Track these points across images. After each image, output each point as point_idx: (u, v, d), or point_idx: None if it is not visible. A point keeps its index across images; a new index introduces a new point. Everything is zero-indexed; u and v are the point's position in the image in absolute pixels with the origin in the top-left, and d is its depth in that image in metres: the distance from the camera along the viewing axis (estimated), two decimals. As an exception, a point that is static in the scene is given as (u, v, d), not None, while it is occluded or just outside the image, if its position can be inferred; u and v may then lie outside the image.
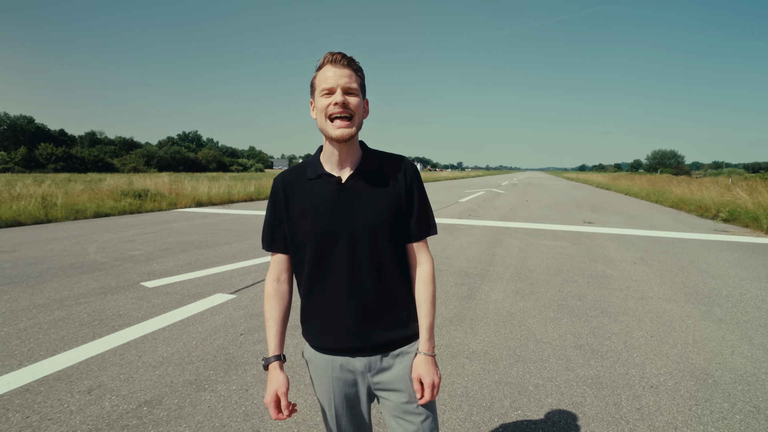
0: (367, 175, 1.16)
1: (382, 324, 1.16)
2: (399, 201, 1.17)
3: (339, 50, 1.13)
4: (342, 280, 1.13)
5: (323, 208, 1.14)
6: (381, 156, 1.22)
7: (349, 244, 1.13)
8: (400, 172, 1.19)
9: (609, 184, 32.23)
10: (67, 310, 3.83)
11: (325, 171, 1.16)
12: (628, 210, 13.87)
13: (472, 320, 3.71)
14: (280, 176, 1.23)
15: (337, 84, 1.08)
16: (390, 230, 1.15)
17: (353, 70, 1.12)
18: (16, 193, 12.35)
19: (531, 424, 2.23)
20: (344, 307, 1.14)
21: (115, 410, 2.28)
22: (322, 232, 1.13)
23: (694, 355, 3.07)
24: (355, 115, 1.11)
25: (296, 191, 1.18)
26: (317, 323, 1.18)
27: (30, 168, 54.93)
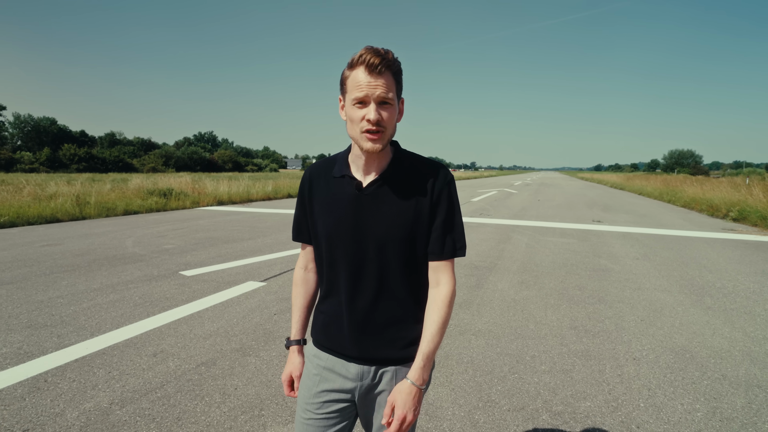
0: (392, 182, 1.08)
1: (382, 340, 1.10)
2: (420, 215, 1.08)
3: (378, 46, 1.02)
4: (346, 287, 1.10)
5: (338, 211, 1.10)
6: (413, 161, 1.13)
7: (356, 253, 1.08)
8: (430, 181, 1.09)
9: (623, 184, 32.14)
10: (120, 293, 4.35)
11: (349, 172, 1.10)
12: (639, 209, 14.06)
13: (479, 305, 4.12)
14: (309, 168, 1.20)
15: (372, 95, 0.99)
16: (403, 246, 1.07)
17: (392, 75, 1.01)
18: (51, 192, 13.11)
19: (525, 384, 2.64)
20: (345, 314, 1.11)
21: (178, 369, 2.76)
22: (334, 236, 1.10)
23: (677, 336, 3.44)
24: (387, 128, 1.02)
25: (320, 187, 1.14)
26: (324, 319, 1.17)
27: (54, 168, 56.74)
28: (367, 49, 0.99)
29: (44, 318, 3.62)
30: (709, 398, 2.50)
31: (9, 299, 4.10)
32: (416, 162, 1.12)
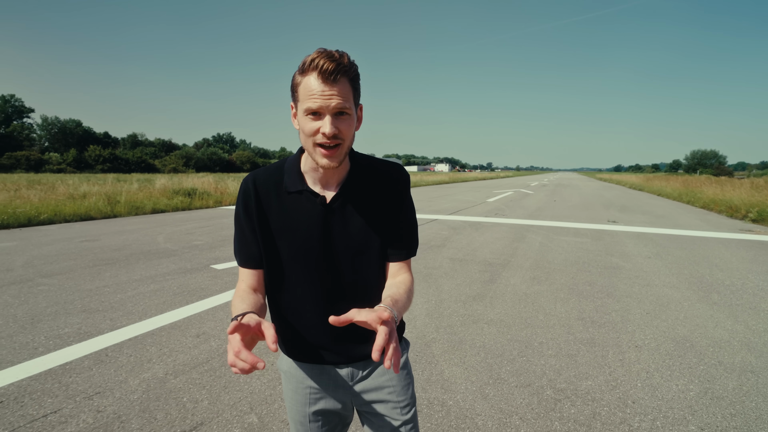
0: (355, 193, 1.05)
1: (361, 340, 1.08)
2: (387, 222, 1.07)
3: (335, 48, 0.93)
4: (319, 302, 1.06)
5: (303, 229, 1.03)
6: (372, 166, 1.09)
7: (329, 269, 1.04)
8: (391, 183, 1.08)
9: (642, 185, 31.75)
10: (160, 284, 4.73)
11: (307, 186, 1.03)
12: (657, 210, 14.02)
13: (492, 298, 4.38)
14: (251, 181, 1.06)
15: (327, 107, 0.90)
16: (375, 254, 1.06)
17: (347, 82, 0.92)
18: (83, 192, 13.77)
19: (532, 365, 2.90)
20: (320, 328, 1.06)
21: (220, 347, 3.10)
22: (300, 256, 1.04)
23: (680, 327, 3.64)
24: (345, 140, 0.95)
25: (272, 203, 1.05)
26: (293, 333, 1.10)
27: (80, 168, 58.66)
28: (320, 53, 0.90)
29: (95, 304, 4.01)
30: (703, 380, 2.71)
31: (61, 288, 4.52)
32: (373, 164, 1.09)
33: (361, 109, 1.02)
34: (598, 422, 2.26)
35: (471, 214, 12.21)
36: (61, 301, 4.07)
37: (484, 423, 2.24)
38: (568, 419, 2.28)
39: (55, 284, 4.65)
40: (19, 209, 9.89)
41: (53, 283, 4.68)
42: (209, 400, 2.41)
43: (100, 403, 2.36)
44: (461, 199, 18.01)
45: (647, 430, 2.19)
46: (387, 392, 1.12)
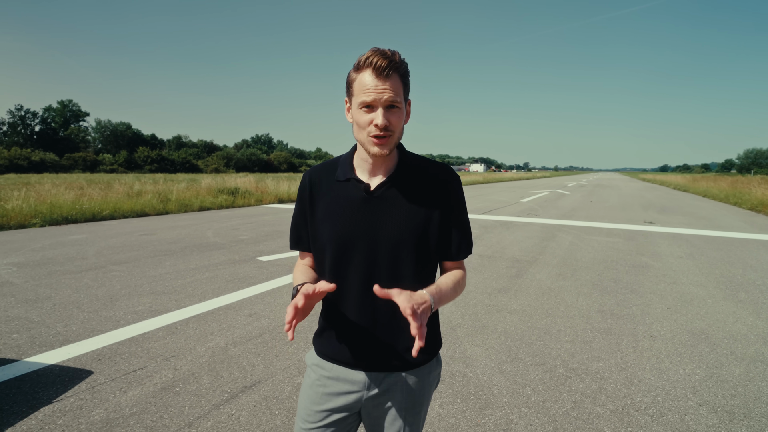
0: (401, 184, 1.08)
1: (391, 345, 1.09)
2: (432, 217, 1.08)
3: (387, 47, 1.00)
4: (356, 294, 1.07)
5: (346, 215, 1.07)
6: (420, 163, 1.13)
7: (368, 258, 1.06)
8: (439, 184, 1.11)
9: (687, 185, 30.46)
10: (213, 272, 5.28)
11: (355, 175, 1.09)
12: (699, 212, 13.62)
13: (517, 291, 4.64)
14: (308, 172, 1.17)
15: (380, 100, 0.97)
16: (416, 248, 1.07)
17: (399, 77, 1.00)
18: (137, 190, 14.89)
19: (548, 348, 3.17)
20: (355, 320, 1.09)
21: (270, 324, 3.55)
22: (341, 241, 1.07)
23: (699, 321, 3.79)
24: (395, 131, 1.02)
25: (322, 192, 1.12)
26: (329, 328, 1.14)
27: (130, 168, 62.21)
28: (374, 51, 0.98)
29: (161, 288, 4.58)
30: (711, 367, 2.91)
31: (130, 274, 5.15)
32: (423, 164, 1.13)
33: (409, 104, 1.08)
34: (603, 395, 2.52)
35: (503, 213, 12.33)
36: (132, 285, 4.67)
37: (500, 392, 2.56)
38: (575, 392, 2.56)
39: (125, 271, 5.29)
40: (84, 206, 10.91)
41: (123, 270, 5.32)
42: (264, 365, 2.85)
43: (176, 363, 2.85)
44: (494, 199, 18.06)
45: (648, 404, 2.44)
46: (397, 409, 1.12)
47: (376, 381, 1.11)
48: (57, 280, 4.84)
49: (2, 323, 3.50)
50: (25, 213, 9.54)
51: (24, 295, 4.24)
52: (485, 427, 2.21)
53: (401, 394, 1.11)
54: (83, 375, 2.67)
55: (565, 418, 2.29)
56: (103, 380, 2.61)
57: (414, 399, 1.13)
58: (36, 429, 2.13)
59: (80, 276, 5.02)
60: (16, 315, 3.69)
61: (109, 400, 2.40)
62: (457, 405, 2.42)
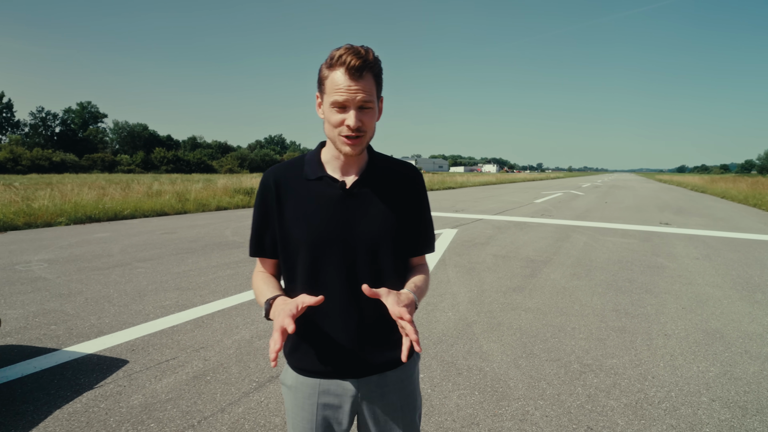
0: (373, 182, 1.08)
1: (379, 344, 1.07)
2: (404, 215, 1.09)
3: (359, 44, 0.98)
4: (338, 294, 1.04)
5: (323, 214, 1.04)
6: (388, 162, 1.14)
7: (349, 256, 1.04)
8: (408, 181, 1.12)
9: (705, 186, 29.95)
10: (234, 269, 5.45)
11: (327, 173, 1.07)
12: (716, 213, 13.45)
13: (531, 290, 4.71)
14: (271, 173, 1.10)
15: (352, 101, 0.96)
16: (393, 246, 1.07)
17: (371, 76, 0.98)
18: (156, 190, 15.24)
19: (563, 345, 3.25)
20: (338, 324, 1.05)
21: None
22: (320, 241, 1.04)
23: (714, 321, 3.81)
24: (368, 131, 1.00)
25: (291, 192, 1.07)
26: (305, 341, 1.08)
27: (147, 169, 63.36)
28: (348, 49, 0.96)
29: (185, 284, 4.76)
30: (725, 365, 2.95)
31: (155, 270, 5.34)
32: (390, 162, 1.14)
33: (381, 101, 1.06)
34: (617, 390, 2.59)
35: (517, 214, 12.34)
36: (157, 281, 4.86)
37: (516, 385, 2.65)
38: (590, 386, 2.64)
39: (150, 267, 5.49)
40: (107, 205, 11.23)
41: (148, 267, 5.52)
42: (288, 357, 2.98)
43: (205, 354, 2.99)
44: (508, 200, 18.03)
45: (662, 399, 2.50)
46: (394, 410, 1.12)
47: (368, 386, 1.09)
48: (87, 276, 5.05)
49: (40, 316, 3.69)
50: (51, 212, 9.87)
51: (57, 290, 4.45)
52: (502, 418, 2.31)
53: (395, 394, 1.11)
54: (120, 364, 2.83)
55: (579, 411, 2.37)
56: (139, 369, 2.77)
57: (408, 395, 1.14)
58: (81, 411, 2.29)
59: (108, 272, 5.23)
60: (52, 308, 3.89)
61: (146, 386, 2.55)
62: (474, 396, 2.51)
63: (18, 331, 3.33)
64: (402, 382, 1.12)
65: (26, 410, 2.29)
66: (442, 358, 3.00)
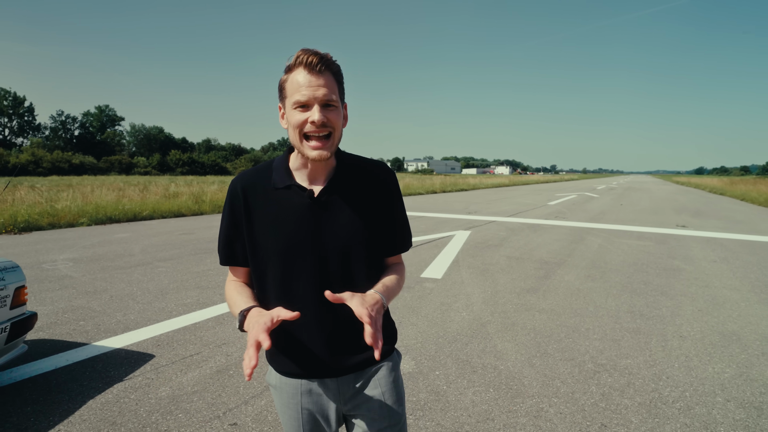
0: (343, 188, 1.06)
1: (354, 346, 1.08)
2: (377, 217, 1.08)
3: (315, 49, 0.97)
4: (310, 303, 1.03)
5: (292, 224, 1.03)
6: (358, 163, 1.11)
7: (320, 265, 1.03)
8: (379, 183, 1.10)
9: (724, 188, 29.37)
10: (251, 269, 5.57)
11: (295, 182, 1.05)
12: (735, 215, 13.22)
13: (545, 291, 4.73)
14: (239, 180, 1.09)
15: (314, 97, 0.94)
16: (366, 250, 1.06)
17: (331, 75, 0.97)
18: (173, 192, 15.55)
19: (577, 345, 3.28)
20: (315, 332, 1.05)
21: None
22: (290, 251, 1.03)
23: (730, 323, 3.80)
24: (335, 130, 0.99)
25: (259, 200, 1.06)
26: (283, 347, 1.08)
27: (163, 171, 64.45)
28: (304, 50, 0.96)
29: (205, 282, 4.89)
30: (741, 366, 2.95)
31: (175, 270, 5.49)
32: (360, 163, 1.12)
33: (345, 107, 1.06)
34: (631, 389, 2.62)
35: (530, 216, 12.30)
36: (178, 280, 5.00)
37: (530, 383, 2.69)
38: (604, 385, 2.67)
39: (170, 267, 5.65)
40: (126, 207, 11.51)
41: (168, 266, 5.68)
42: (306, 353, 3.07)
43: (227, 350, 3.10)
44: (521, 202, 17.95)
45: (676, 398, 2.53)
46: (377, 407, 1.11)
47: (349, 384, 1.10)
48: (110, 274, 5.22)
49: (69, 312, 3.85)
50: (74, 213, 10.16)
51: (83, 288, 4.61)
52: (517, 414, 2.36)
53: (377, 387, 1.11)
54: (146, 358, 2.95)
55: (593, 408, 2.41)
56: (165, 363, 2.89)
57: (389, 385, 1.13)
58: (113, 402, 2.40)
59: (130, 271, 5.39)
60: (79, 305, 4.04)
61: (173, 379, 2.66)
62: (489, 393, 2.57)
63: (49, 327, 3.48)
64: (382, 374, 1.13)
65: (62, 399, 2.41)
66: (457, 357, 3.06)
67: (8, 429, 2.15)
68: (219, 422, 2.23)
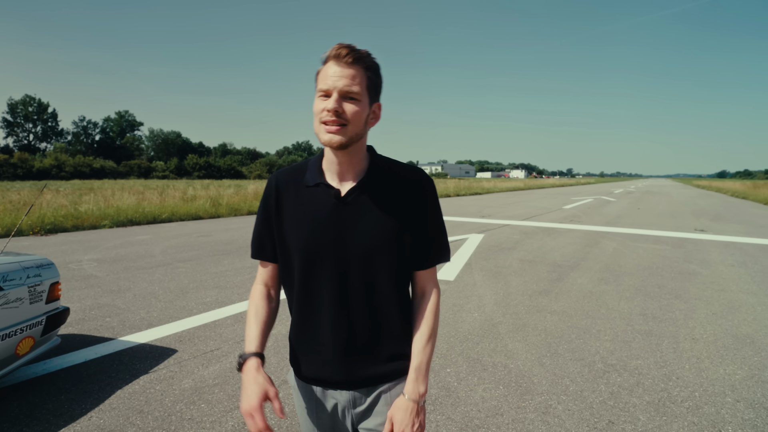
0: (372, 189, 1.03)
1: (370, 358, 1.05)
2: (405, 223, 1.03)
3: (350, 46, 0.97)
4: (329, 305, 1.02)
5: (315, 222, 1.02)
6: (392, 167, 1.08)
7: (339, 267, 1.01)
8: (412, 188, 1.06)
9: (747, 192, 28.69)
10: (268, 270, 5.72)
11: (324, 180, 1.04)
12: (757, 220, 12.95)
13: (558, 294, 4.76)
14: (275, 177, 1.11)
15: (335, 86, 0.94)
16: (389, 257, 1.02)
17: (361, 69, 0.97)
18: (191, 195, 15.90)
19: (587, 346, 3.31)
20: (329, 335, 1.03)
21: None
22: (310, 250, 1.02)
23: (745, 326, 3.78)
24: (350, 123, 0.96)
25: (290, 197, 1.07)
26: (302, 348, 1.08)
27: (180, 175, 65.68)
28: (339, 44, 0.97)
29: (223, 283, 5.04)
30: (753, 368, 2.96)
31: (194, 270, 5.67)
32: (394, 167, 1.08)
33: (378, 107, 1.04)
34: (640, 388, 2.66)
35: (544, 220, 12.25)
36: (197, 279, 5.17)
37: (539, 381, 2.75)
38: (613, 384, 2.71)
39: (190, 267, 5.83)
40: (146, 210, 11.83)
41: (188, 267, 5.86)
42: (322, 350, 3.18)
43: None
44: (536, 205, 17.86)
45: (685, 398, 2.56)
46: None
47: (360, 398, 1.07)
48: (133, 274, 5.42)
49: (95, 309, 4.03)
50: (96, 215, 10.50)
51: (108, 287, 4.81)
52: (525, 410, 2.42)
53: (388, 406, 1.06)
54: (170, 352, 3.09)
55: (602, 406, 2.46)
56: (187, 357, 3.02)
57: None
58: (140, 392, 2.54)
59: (152, 271, 5.58)
60: (105, 302, 4.23)
61: (195, 372, 2.79)
62: (499, 390, 2.63)
63: (78, 322, 3.66)
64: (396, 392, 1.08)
65: (92, 389, 2.56)
66: (468, 355, 3.12)
67: (45, 414, 2.29)
68: (239, 412, 2.35)
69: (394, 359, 1.06)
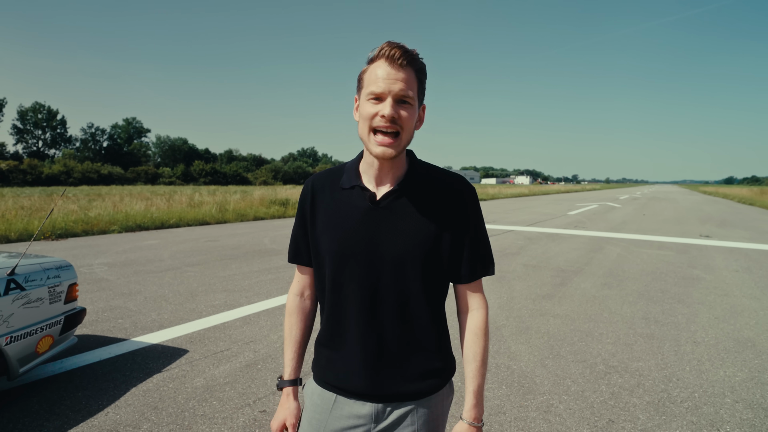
0: (410, 194, 0.99)
1: (400, 372, 0.99)
2: (442, 233, 0.99)
3: (399, 46, 0.92)
4: (359, 312, 0.98)
5: (348, 225, 0.99)
6: (431, 172, 1.04)
7: (370, 273, 0.98)
8: (452, 196, 1.01)
9: (754, 198, 28.54)
10: (275, 274, 5.81)
11: (361, 182, 1.01)
12: (763, 226, 12.91)
13: (560, 298, 4.81)
14: (311, 179, 1.09)
15: (389, 90, 0.90)
16: (423, 266, 0.97)
17: (414, 71, 0.93)
18: (198, 201, 16.08)
19: (590, 348, 3.37)
20: (358, 343, 0.99)
21: (330, 320, 3.97)
22: (342, 253, 0.99)
23: (746, 330, 3.82)
24: (404, 130, 0.93)
25: (325, 200, 1.04)
26: (329, 353, 1.04)
27: (186, 181, 66.20)
28: (389, 43, 0.92)
29: (231, 286, 5.14)
30: (753, 371, 3.00)
31: (203, 274, 5.77)
32: (434, 173, 1.04)
33: (423, 109, 1.01)
34: (640, 389, 2.71)
35: (549, 225, 12.28)
36: (206, 283, 5.27)
37: (541, 381, 2.81)
38: (614, 385, 2.77)
39: (198, 271, 5.93)
40: (154, 215, 11.99)
41: (196, 271, 5.97)
42: (328, 351, 3.25)
43: (254, 347, 3.31)
44: (540, 211, 17.88)
45: (684, 398, 2.61)
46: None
47: (383, 413, 1.00)
48: (143, 278, 5.53)
49: (108, 311, 4.13)
50: (106, 221, 10.67)
51: (119, 290, 4.92)
52: (527, 409, 2.48)
53: (412, 427, 1.00)
54: (181, 352, 3.18)
55: (602, 406, 2.52)
56: (198, 357, 3.11)
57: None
58: (154, 389, 2.63)
59: (161, 275, 5.69)
60: (117, 305, 4.33)
61: (206, 371, 2.88)
62: (501, 390, 2.70)
63: (92, 324, 3.76)
64: (423, 418, 1.01)
65: (108, 387, 2.65)
66: (471, 357, 3.18)
67: (64, 410, 2.39)
68: (249, 409, 2.43)
69: (427, 377, 1.01)
